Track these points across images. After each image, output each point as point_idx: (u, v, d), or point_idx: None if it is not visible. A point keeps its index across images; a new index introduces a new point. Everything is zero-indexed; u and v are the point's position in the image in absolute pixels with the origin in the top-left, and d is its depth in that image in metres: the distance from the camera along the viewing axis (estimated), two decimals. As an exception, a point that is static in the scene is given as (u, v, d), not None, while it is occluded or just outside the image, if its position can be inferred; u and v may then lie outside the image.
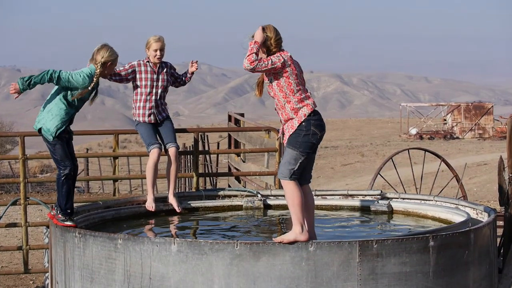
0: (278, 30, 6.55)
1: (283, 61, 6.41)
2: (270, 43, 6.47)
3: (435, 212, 8.32)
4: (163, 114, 8.88)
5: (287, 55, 6.48)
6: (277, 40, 6.49)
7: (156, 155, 8.58)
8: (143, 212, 8.55)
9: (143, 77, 8.70)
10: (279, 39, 6.51)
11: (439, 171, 13.38)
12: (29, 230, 10.20)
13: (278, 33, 6.53)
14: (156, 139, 8.73)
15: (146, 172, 8.63)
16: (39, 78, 7.14)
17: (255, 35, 6.48)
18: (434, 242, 6.31)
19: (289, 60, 6.45)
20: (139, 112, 8.77)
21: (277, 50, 6.49)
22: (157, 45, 8.70)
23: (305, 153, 6.42)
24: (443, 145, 45.53)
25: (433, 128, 57.26)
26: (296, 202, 6.38)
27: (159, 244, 6.24)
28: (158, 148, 8.61)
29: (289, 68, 6.44)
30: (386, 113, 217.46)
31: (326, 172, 34.58)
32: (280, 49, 6.52)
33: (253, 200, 9.02)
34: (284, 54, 6.47)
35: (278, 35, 6.52)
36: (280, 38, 6.52)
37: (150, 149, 8.60)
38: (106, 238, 6.48)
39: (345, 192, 9.17)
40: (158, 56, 8.71)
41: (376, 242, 6.15)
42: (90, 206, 8.20)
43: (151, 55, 8.74)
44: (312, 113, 6.46)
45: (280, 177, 6.50)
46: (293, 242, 6.14)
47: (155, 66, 8.77)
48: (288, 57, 6.46)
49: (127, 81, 8.75)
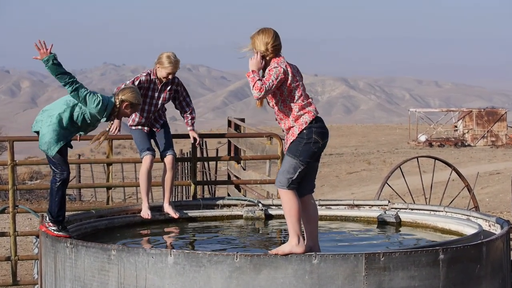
0: (278, 35, 6.49)
1: (283, 70, 6.39)
2: (267, 48, 6.42)
3: (445, 224, 8.32)
4: (160, 121, 8.87)
5: (283, 61, 6.43)
6: (275, 46, 6.43)
7: (149, 161, 8.59)
8: (138, 221, 8.55)
9: (144, 92, 8.65)
10: (277, 45, 6.44)
11: (449, 180, 13.39)
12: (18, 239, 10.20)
13: (277, 38, 6.46)
14: (150, 145, 8.75)
15: (139, 179, 8.65)
16: (61, 70, 7.13)
17: (250, 64, 6.41)
18: (444, 255, 6.31)
19: (287, 66, 6.43)
20: (135, 119, 8.79)
21: (273, 56, 6.45)
22: (169, 70, 8.56)
23: (305, 162, 6.41)
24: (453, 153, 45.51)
25: (444, 135, 57.24)
26: (293, 212, 6.39)
27: (154, 256, 6.24)
28: (151, 154, 8.62)
29: (288, 75, 6.43)
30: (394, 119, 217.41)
31: (331, 180, 34.57)
32: (277, 55, 6.46)
33: (254, 210, 9.02)
34: (281, 61, 6.42)
35: (276, 40, 6.45)
36: (278, 44, 6.45)
37: (143, 156, 8.61)
38: (99, 249, 6.48)
39: (350, 202, 9.16)
40: (168, 79, 8.63)
41: (383, 255, 6.15)
42: (82, 215, 8.19)
43: (160, 74, 8.61)
44: (313, 120, 6.45)
45: (277, 186, 6.50)
46: (289, 254, 6.15)
47: (160, 83, 8.70)
48: (285, 64, 6.43)
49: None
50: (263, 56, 6.45)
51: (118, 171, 32.95)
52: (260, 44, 6.44)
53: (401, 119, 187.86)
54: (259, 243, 7.88)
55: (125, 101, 7.35)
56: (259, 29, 6.54)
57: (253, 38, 6.50)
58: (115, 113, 7.38)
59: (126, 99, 7.34)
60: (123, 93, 7.36)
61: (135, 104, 7.38)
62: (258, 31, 6.53)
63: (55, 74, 7.12)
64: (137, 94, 7.39)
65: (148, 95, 8.68)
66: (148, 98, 8.69)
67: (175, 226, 8.59)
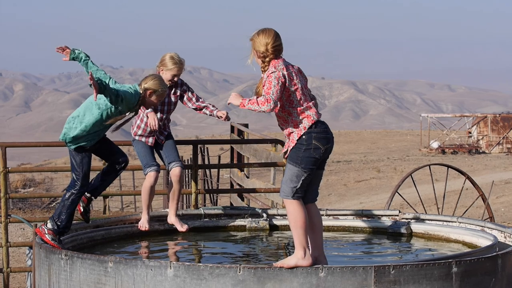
0: (279, 35, 6.51)
1: (282, 74, 6.39)
2: (266, 48, 6.43)
3: (458, 235, 8.31)
4: (164, 133, 8.67)
5: (281, 64, 6.43)
6: (275, 47, 6.45)
7: (153, 178, 8.40)
8: (136, 232, 8.55)
9: None
10: (277, 46, 6.45)
11: (463, 189, 13.38)
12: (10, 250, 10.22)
13: (277, 39, 6.48)
14: (154, 159, 8.52)
15: (141, 192, 8.51)
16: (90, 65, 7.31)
17: (232, 100, 6.44)
18: (457, 268, 6.30)
19: (284, 69, 6.41)
20: (138, 132, 8.57)
21: (273, 57, 6.45)
22: (175, 71, 8.40)
23: (307, 170, 6.41)
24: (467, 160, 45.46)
25: (457, 142, 57.19)
26: (299, 223, 6.39)
27: (153, 268, 6.24)
28: (155, 171, 8.41)
29: (286, 79, 6.41)
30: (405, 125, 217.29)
31: (338, 189, 34.54)
32: (277, 57, 6.47)
33: (258, 220, 9.01)
34: (278, 64, 6.41)
35: (277, 41, 6.46)
36: (279, 44, 6.46)
37: (147, 172, 8.41)
38: (95, 260, 6.48)
39: (359, 211, 9.16)
40: (172, 82, 8.45)
41: (393, 268, 6.15)
42: (78, 225, 8.19)
43: (165, 77, 8.37)
44: (313, 124, 6.44)
45: (282, 196, 6.50)
46: (294, 267, 6.15)
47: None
48: (283, 67, 6.42)
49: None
50: (264, 56, 6.46)
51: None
52: (259, 44, 6.46)
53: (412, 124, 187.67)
54: (263, 255, 7.88)
55: (148, 89, 7.38)
56: (259, 29, 6.55)
57: (253, 39, 6.52)
58: (141, 104, 7.43)
59: (148, 87, 7.39)
60: (145, 82, 7.43)
61: (158, 91, 7.41)
62: (258, 31, 6.54)
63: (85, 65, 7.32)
64: (160, 81, 7.44)
65: None
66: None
67: (175, 237, 8.58)
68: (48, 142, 10.25)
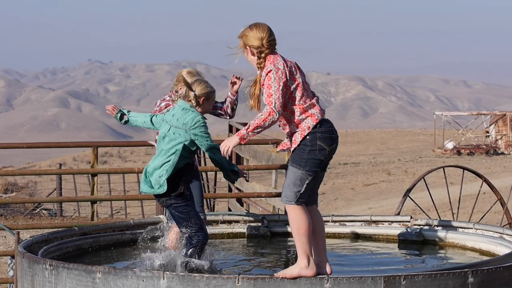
0: (272, 31, 6.60)
1: (281, 71, 6.42)
2: (262, 43, 6.52)
3: (475, 243, 8.31)
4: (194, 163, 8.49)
5: (279, 60, 6.49)
6: (270, 41, 6.55)
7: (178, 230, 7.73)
8: (127, 240, 8.56)
9: None
10: (272, 40, 6.57)
11: (480, 193, 13.37)
12: (-9, 260, 10.23)
13: (272, 33, 6.59)
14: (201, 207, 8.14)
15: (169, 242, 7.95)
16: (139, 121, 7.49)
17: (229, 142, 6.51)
18: (474, 279, 6.30)
19: (283, 65, 6.47)
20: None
21: (269, 52, 6.53)
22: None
23: (312, 172, 6.42)
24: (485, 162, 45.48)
25: (473, 142, 57.19)
26: (302, 231, 6.39)
27: (145, 279, 6.24)
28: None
29: (287, 75, 6.44)
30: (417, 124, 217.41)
31: (346, 193, 34.56)
32: (272, 51, 6.56)
33: (258, 227, 9.02)
34: (277, 61, 6.48)
35: (271, 35, 6.58)
36: (274, 39, 6.58)
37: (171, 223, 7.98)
38: (83, 271, 6.48)
39: (367, 217, 9.17)
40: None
41: (404, 278, 6.15)
42: (64, 232, 8.20)
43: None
44: (318, 124, 6.45)
45: (284, 201, 6.50)
46: (297, 278, 6.15)
47: None
48: (282, 62, 6.48)
49: None
50: (259, 52, 6.52)
51: (104, 183, 32.99)
52: (253, 39, 6.55)
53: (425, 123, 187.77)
54: (263, 264, 7.88)
55: (200, 96, 7.30)
56: (250, 25, 6.64)
57: (244, 34, 6.61)
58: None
59: (200, 93, 7.31)
60: (194, 87, 7.31)
61: (209, 92, 7.35)
62: (250, 26, 6.64)
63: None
64: (205, 82, 7.38)
65: None
66: None
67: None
68: (32, 143, 10.27)
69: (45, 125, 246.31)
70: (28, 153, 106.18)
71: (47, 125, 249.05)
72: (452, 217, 12.56)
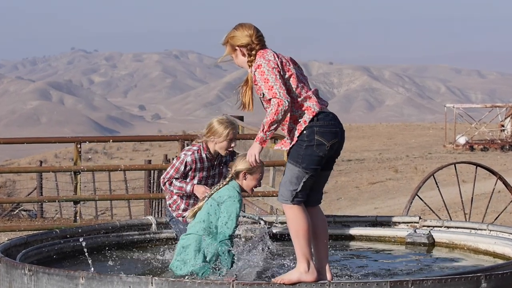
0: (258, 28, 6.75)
1: (272, 62, 6.48)
2: (251, 40, 6.63)
3: (488, 245, 8.32)
4: None
5: (269, 52, 6.59)
6: (259, 37, 6.67)
7: None
8: (113, 242, 8.55)
9: (196, 174, 8.20)
10: (260, 36, 6.69)
11: (494, 191, 13.38)
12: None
13: (258, 30, 6.72)
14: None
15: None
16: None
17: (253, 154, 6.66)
18: (487, 283, 6.30)
19: (274, 56, 6.54)
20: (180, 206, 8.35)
21: (260, 48, 6.63)
22: (231, 135, 8.13)
23: (310, 170, 6.40)
24: (500, 158, 45.49)
25: (488, 136, 57.19)
26: (301, 232, 6.40)
27: (132, 285, 6.24)
28: None
29: (279, 65, 6.50)
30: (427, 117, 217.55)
31: (350, 192, 34.58)
32: (263, 47, 6.65)
33: (254, 229, 9.02)
34: (265, 54, 6.57)
35: (259, 32, 6.71)
36: (262, 35, 6.70)
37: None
38: (64, 276, 6.48)
39: (373, 218, 9.17)
40: (230, 151, 8.25)
41: (412, 283, 6.15)
42: (44, 235, 8.20)
43: (220, 146, 8.15)
44: (315, 117, 6.45)
45: (280, 200, 6.51)
46: (297, 283, 6.16)
47: (213, 158, 8.24)
48: (272, 53, 6.57)
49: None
50: (250, 49, 6.62)
51: (88, 182, 32.95)
52: (241, 38, 6.67)
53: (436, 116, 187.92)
54: (260, 268, 7.88)
55: (240, 171, 7.49)
56: (234, 27, 6.75)
57: (231, 36, 6.72)
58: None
59: (240, 169, 7.49)
60: (234, 166, 7.52)
61: (251, 168, 7.48)
62: (235, 27, 6.74)
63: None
64: (244, 157, 7.43)
65: (202, 176, 8.23)
66: (203, 179, 8.23)
67: (157, 248, 8.59)
68: (10, 139, 10.27)
69: (24, 119, 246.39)
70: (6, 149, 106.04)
71: (26, 119, 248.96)
72: (464, 218, 12.57)
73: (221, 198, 7.43)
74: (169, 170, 8.15)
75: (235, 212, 7.36)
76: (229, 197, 7.41)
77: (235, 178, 7.52)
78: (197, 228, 7.47)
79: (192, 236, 7.46)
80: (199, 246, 7.43)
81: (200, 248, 7.43)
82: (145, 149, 66.82)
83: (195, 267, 7.37)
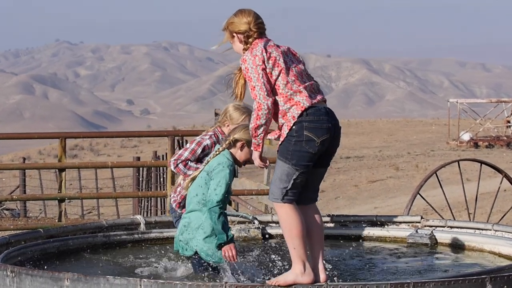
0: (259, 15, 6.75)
1: (258, 57, 6.49)
2: (249, 27, 6.65)
3: (494, 246, 8.33)
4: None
5: (260, 46, 6.58)
6: (258, 24, 6.69)
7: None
8: (99, 243, 8.55)
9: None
10: (260, 23, 6.70)
11: (500, 190, 13.40)
12: None
13: (259, 17, 6.73)
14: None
15: None
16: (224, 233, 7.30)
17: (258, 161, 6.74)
18: (492, 286, 6.31)
19: (262, 51, 6.53)
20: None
21: (258, 36, 6.65)
22: (247, 121, 8.12)
23: (300, 167, 6.39)
24: (505, 155, 45.57)
25: (493, 133, 57.28)
26: (294, 232, 6.39)
27: (120, 287, 6.24)
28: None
29: (265, 61, 6.50)
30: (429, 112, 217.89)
31: (348, 191, 34.60)
32: (261, 36, 6.67)
33: (248, 228, 9.03)
34: (255, 47, 6.58)
35: (259, 18, 6.72)
36: (262, 22, 6.72)
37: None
38: (49, 278, 6.48)
39: (373, 218, 9.18)
40: None
41: (413, 285, 6.16)
42: (28, 235, 8.19)
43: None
44: (304, 112, 6.45)
45: (270, 199, 6.51)
46: (293, 285, 6.16)
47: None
48: (261, 49, 6.55)
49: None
50: (247, 36, 6.64)
51: (74, 179, 32.95)
52: (240, 24, 6.69)
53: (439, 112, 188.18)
54: (254, 270, 7.88)
55: (239, 140, 7.49)
56: (234, 12, 6.79)
57: (230, 23, 6.75)
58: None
59: (240, 137, 7.49)
60: (234, 133, 7.52)
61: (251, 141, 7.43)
62: (235, 13, 6.78)
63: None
64: (246, 128, 7.49)
65: None
66: None
67: (147, 248, 8.59)
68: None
69: (6, 114, 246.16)
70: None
71: (9, 114, 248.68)
72: (468, 218, 12.59)
73: (211, 166, 7.42)
74: (183, 153, 8.19)
75: (224, 178, 7.31)
76: (218, 164, 7.39)
77: (232, 146, 7.51)
78: (194, 203, 7.45)
79: (192, 214, 7.45)
80: (200, 223, 7.41)
81: (200, 224, 7.41)
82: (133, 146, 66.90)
83: (198, 247, 7.37)
